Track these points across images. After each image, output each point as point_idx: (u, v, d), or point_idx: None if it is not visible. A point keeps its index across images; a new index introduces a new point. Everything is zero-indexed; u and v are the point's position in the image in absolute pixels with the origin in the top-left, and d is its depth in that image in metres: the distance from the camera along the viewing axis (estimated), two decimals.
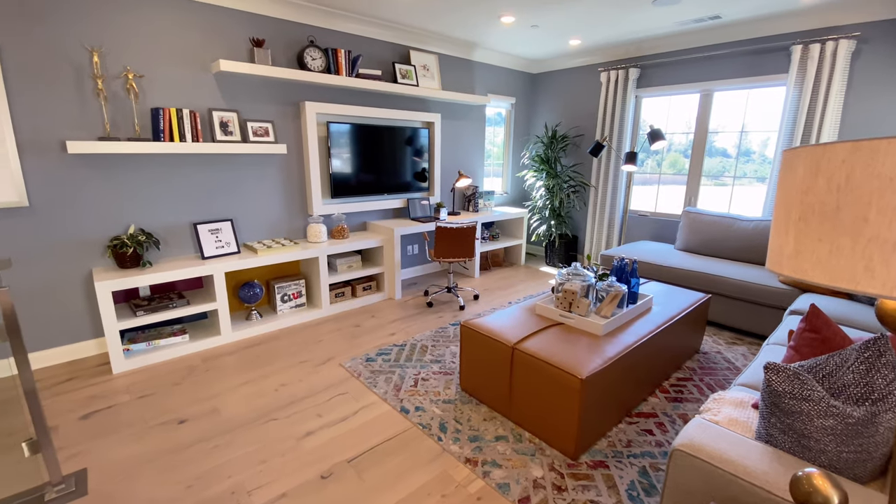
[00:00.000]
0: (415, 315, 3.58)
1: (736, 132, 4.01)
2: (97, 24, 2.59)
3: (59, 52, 2.50)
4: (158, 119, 2.76)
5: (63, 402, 2.34)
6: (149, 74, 2.80)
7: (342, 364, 2.76)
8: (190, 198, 3.09)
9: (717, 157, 4.18)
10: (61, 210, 2.64)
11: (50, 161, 2.56)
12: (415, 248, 4.63)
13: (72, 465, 1.90)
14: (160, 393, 2.44)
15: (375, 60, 3.88)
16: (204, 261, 2.99)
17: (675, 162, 4.51)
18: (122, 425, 2.16)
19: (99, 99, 2.64)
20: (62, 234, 2.66)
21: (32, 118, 2.48)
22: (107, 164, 2.74)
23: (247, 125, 3.19)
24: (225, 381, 2.56)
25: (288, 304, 3.47)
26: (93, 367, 2.73)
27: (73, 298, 2.76)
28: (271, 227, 3.55)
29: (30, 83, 2.45)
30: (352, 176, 3.82)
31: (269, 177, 3.44)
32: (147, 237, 2.83)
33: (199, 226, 3.05)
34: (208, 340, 3.00)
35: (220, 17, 3.01)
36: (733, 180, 4.09)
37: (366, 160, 3.88)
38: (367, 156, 3.88)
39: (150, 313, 2.76)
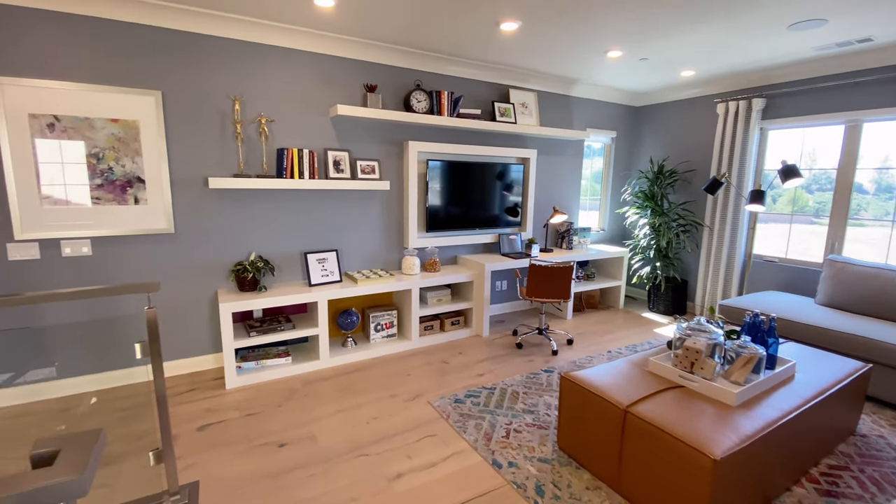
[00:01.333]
0: (504, 356, 3.44)
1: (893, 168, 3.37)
2: (240, 76, 2.98)
3: (209, 101, 2.91)
4: (283, 158, 3.06)
5: (183, 412, 2.58)
6: (277, 119, 3.13)
7: (431, 402, 2.70)
8: (302, 229, 3.35)
9: (865, 194, 3.53)
10: (198, 237, 3.00)
11: (193, 194, 2.95)
12: (503, 285, 4.52)
13: (186, 475, 2.04)
14: (264, 413, 2.58)
15: (475, 100, 3.97)
16: (310, 288, 3.19)
17: (798, 198, 3.91)
18: (231, 441, 2.30)
19: (237, 141, 3.01)
20: (197, 258, 3.02)
21: (184, 158, 2.89)
22: (237, 198, 3.08)
23: (356, 163, 3.41)
24: (321, 408, 2.64)
25: (380, 334, 3.54)
26: (210, 380, 2.99)
27: (200, 315, 3.08)
28: (370, 258, 3.70)
29: (185, 128, 2.87)
30: (446, 211, 3.88)
31: (371, 211, 3.62)
32: (265, 264, 3.09)
33: (308, 255, 3.27)
34: (308, 364, 3.14)
35: (339, 66, 3.30)
36: (894, 224, 3.41)
37: (460, 195, 3.92)
38: (461, 191, 3.92)
39: (261, 334, 2.97)
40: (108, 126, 2.65)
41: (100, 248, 2.73)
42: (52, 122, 2.52)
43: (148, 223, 2.82)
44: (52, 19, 2.46)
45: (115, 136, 2.67)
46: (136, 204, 2.78)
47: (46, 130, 2.52)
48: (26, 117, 2.46)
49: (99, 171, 2.66)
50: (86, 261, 2.71)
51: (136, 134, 2.72)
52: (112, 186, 2.70)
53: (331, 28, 3.04)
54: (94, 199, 2.67)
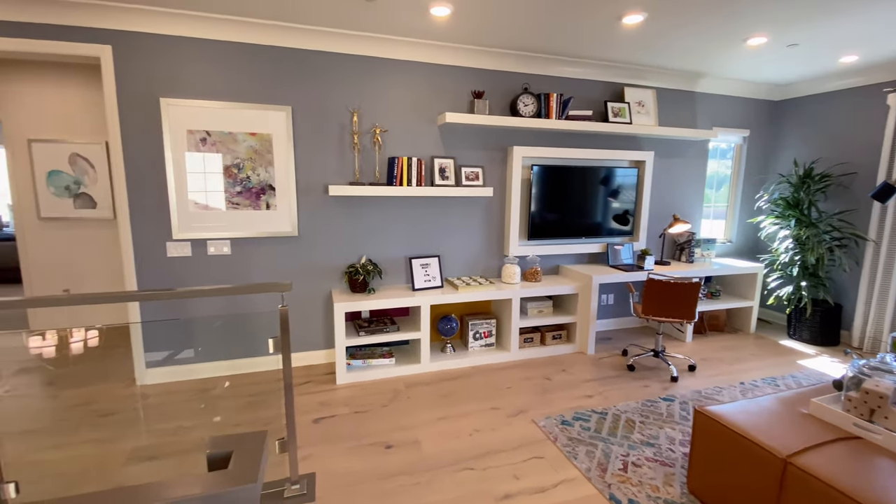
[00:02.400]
0: (613, 378, 3.16)
1: None
2: (358, 90, 3.15)
3: (330, 114, 3.11)
4: (393, 166, 3.16)
5: (301, 403, 2.76)
6: (390, 129, 3.26)
7: (535, 421, 2.56)
8: (408, 234, 3.43)
9: None
10: (317, 240, 3.22)
11: (315, 201, 3.18)
12: (609, 299, 4.20)
13: (303, 466, 2.16)
14: (371, 412, 2.66)
15: (586, 101, 3.75)
16: (414, 292, 3.25)
17: None
18: (342, 437, 2.40)
19: (353, 151, 3.18)
20: (316, 260, 3.24)
21: (308, 167, 3.12)
22: (352, 204, 3.26)
23: (461, 170, 3.41)
24: (424, 413, 2.64)
25: (479, 342, 3.49)
26: (322, 374, 3.18)
27: (315, 313, 3.31)
28: (470, 265, 3.67)
29: (310, 139, 3.10)
30: (549, 218, 3.71)
31: (473, 217, 3.59)
32: (374, 267, 3.22)
33: (413, 260, 3.34)
34: (409, 367, 3.20)
35: (448, 74, 3.33)
36: None
37: (565, 202, 3.72)
38: (566, 197, 3.72)
39: (369, 334, 3.09)
40: (247, 139, 2.97)
41: (237, 248, 3.07)
42: (204, 136, 2.89)
43: (276, 227, 3.10)
44: (206, 47, 2.82)
45: (252, 149, 2.98)
46: (268, 209, 3.07)
47: (200, 144, 2.89)
48: (185, 133, 2.85)
49: (239, 180, 2.99)
50: (226, 259, 3.05)
51: (269, 146, 3.01)
52: (249, 193, 3.02)
53: (442, 37, 3.08)
54: (233, 205, 3.00)
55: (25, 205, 3.86)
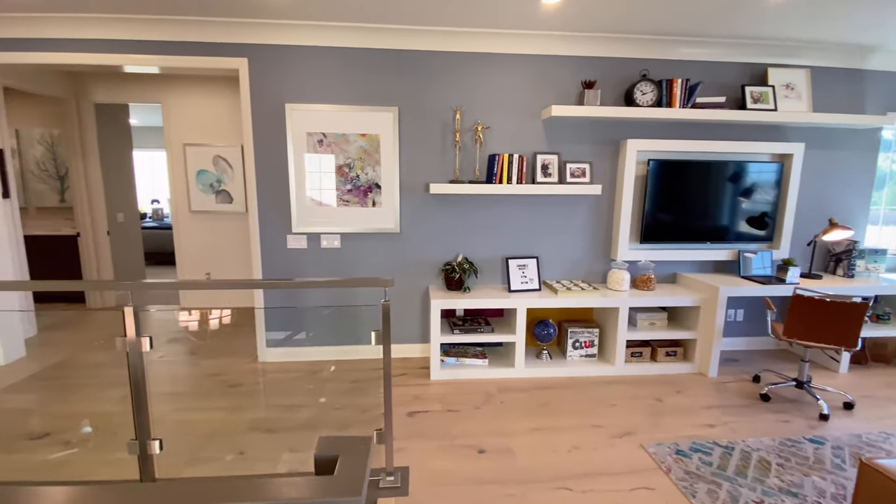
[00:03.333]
0: (741, 407, 2.72)
1: None
2: (461, 87, 3.12)
3: (434, 113, 3.14)
4: (494, 164, 3.08)
5: (397, 395, 2.83)
6: (492, 125, 3.18)
7: (644, 446, 2.30)
8: (506, 233, 3.33)
9: None
10: (417, 237, 3.28)
11: (416, 199, 3.23)
12: (738, 315, 3.64)
13: (398, 458, 2.19)
14: (463, 412, 2.63)
15: (717, 86, 3.28)
16: (510, 293, 3.14)
17: None
18: (435, 434, 2.40)
19: (455, 149, 3.17)
20: (415, 256, 3.31)
21: (411, 166, 3.19)
22: (451, 202, 3.26)
23: (565, 166, 3.21)
24: (518, 421, 2.53)
25: (578, 352, 3.26)
26: (417, 368, 3.24)
27: (413, 308, 3.38)
28: (571, 268, 3.45)
29: (413, 139, 3.16)
30: (666, 219, 3.31)
31: (577, 217, 3.36)
32: (470, 265, 3.18)
33: (510, 260, 3.24)
34: (503, 370, 3.10)
35: (555, 65, 3.15)
36: None
37: (686, 201, 3.30)
38: (688, 196, 3.29)
39: (463, 333, 3.07)
40: (358, 140, 3.12)
41: (347, 242, 3.25)
42: (321, 138, 3.10)
43: (381, 223, 3.22)
44: (324, 54, 3.02)
45: (362, 149, 3.13)
46: (374, 206, 3.20)
47: (317, 146, 3.11)
48: (305, 135, 3.09)
49: (349, 178, 3.16)
50: (336, 252, 3.26)
51: (377, 146, 3.14)
52: (358, 191, 3.18)
53: (551, 26, 2.91)
54: (344, 202, 3.18)
55: (180, 199, 4.56)
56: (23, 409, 2.63)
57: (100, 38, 2.89)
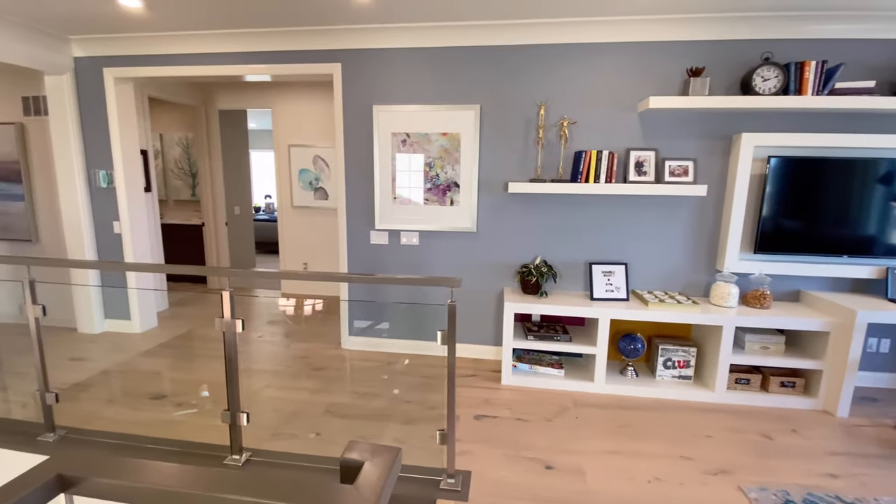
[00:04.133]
0: (877, 458, 2.21)
1: None
2: (546, 81, 2.97)
3: (517, 109, 3.03)
4: (580, 161, 2.89)
5: (466, 396, 2.80)
6: (580, 120, 2.99)
7: (743, 489, 1.97)
8: (590, 237, 3.12)
9: None
10: (494, 237, 3.21)
11: (494, 198, 3.16)
12: (882, 345, 2.98)
13: (461, 461, 2.16)
14: (533, 423, 2.51)
15: (863, 68, 2.70)
16: (592, 301, 2.93)
17: None
18: (501, 442, 2.32)
19: (537, 146, 3.04)
20: (491, 257, 3.24)
21: (490, 164, 3.13)
22: (530, 202, 3.13)
23: (664, 164, 2.89)
24: (593, 440, 2.35)
25: (670, 372, 2.93)
26: (488, 370, 3.18)
27: (487, 308, 3.32)
28: (665, 278, 3.11)
29: (494, 136, 3.09)
30: (790, 226, 2.82)
31: (675, 221, 3.02)
32: (548, 269, 3.03)
33: (593, 266, 3.02)
34: (581, 383, 2.91)
35: (654, 52, 2.85)
36: None
37: (819, 205, 2.77)
38: (821, 199, 2.76)
39: (538, 339, 2.93)
40: (439, 139, 3.14)
41: (424, 240, 3.30)
42: (405, 138, 3.18)
43: (458, 222, 3.22)
44: (409, 55, 3.08)
45: (443, 148, 3.15)
46: (452, 205, 3.20)
47: (401, 145, 3.19)
48: (390, 136, 3.19)
49: (430, 177, 3.20)
50: (414, 248, 3.33)
51: (457, 145, 3.13)
52: (437, 190, 3.20)
53: (652, 9, 2.64)
54: (423, 200, 3.23)
55: (284, 195, 5.03)
56: (150, 371, 3.10)
57: (223, 51, 3.28)
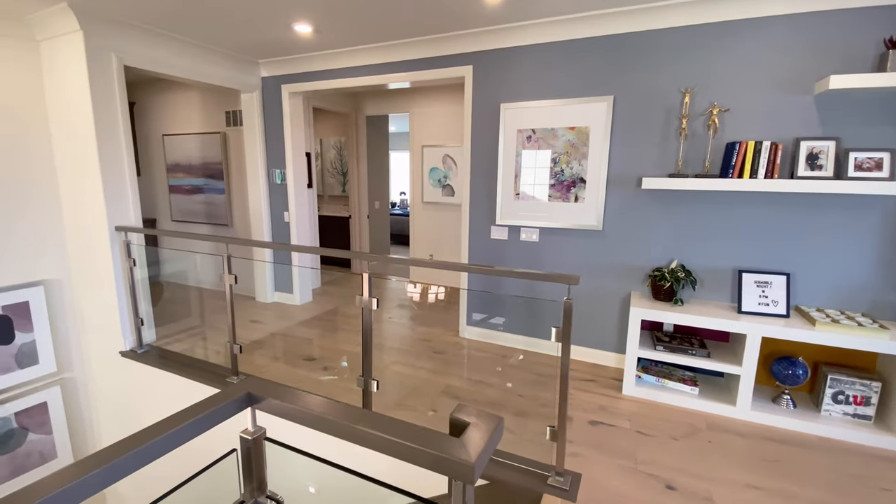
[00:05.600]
0: None
1: None
2: (692, 66, 2.67)
3: (656, 98, 2.80)
4: (732, 154, 2.55)
5: (581, 399, 2.72)
6: (733, 107, 2.63)
7: None
8: (740, 241, 2.72)
9: None
10: (622, 237, 3.03)
11: (624, 194, 2.97)
12: None
13: (571, 463, 2.12)
14: (657, 439, 2.32)
15: None
16: (739, 315, 2.56)
17: None
18: (618, 452, 2.21)
19: (679, 138, 2.76)
20: (617, 258, 3.06)
21: (622, 158, 2.94)
22: (668, 199, 2.86)
23: (847, 156, 2.38)
24: (727, 469, 2.08)
25: (841, 407, 2.41)
26: (608, 378, 3.02)
27: (610, 313, 3.15)
28: (842, 295, 2.56)
29: (628, 129, 2.90)
30: None
31: (859, 226, 2.46)
32: (686, 275, 2.74)
33: (745, 274, 2.63)
34: (719, 405, 2.58)
35: (834, 22, 2.34)
36: None
37: None
38: None
39: (668, 351, 2.69)
40: (566, 134, 3.07)
41: (544, 237, 3.28)
42: (530, 134, 3.19)
43: (581, 219, 3.11)
44: (537, 51, 3.06)
45: (570, 143, 3.07)
46: (576, 202, 3.11)
47: (525, 142, 3.21)
48: (515, 133, 3.23)
49: (553, 173, 3.15)
50: (534, 245, 3.32)
51: (585, 139, 3.02)
52: (561, 186, 3.14)
53: None
54: (548, 197, 3.20)
55: (416, 192, 5.45)
56: (305, 337, 3.69)
57: (370, 63, 3.71)
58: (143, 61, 3.28)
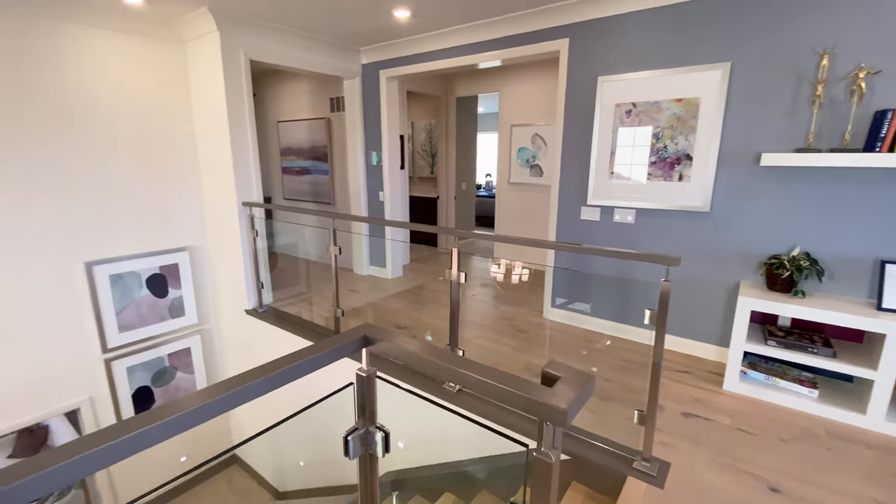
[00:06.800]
0: None
1: None
2: (836, 20, 2.29)
3: (784, 62, 2.46)
4: (881, 124, 2.16)
5: (673, 390, 2.58)
6: (885, 68, 2.22)
7: None
8: (886, 227, 2.32)
9: None
10: (733, 219, 2.75)
11: (738, 172, 2.69)
12: None
13: (659, 451, 2.04)
14: (761, 438, 2.13)
15: None
16: (878, 312, 2.22)
17: None
18: (712, 446, 2.08)
19: (812, 107, 2.41)
20: (726, 242, 2.80)
21: (738, 132, 2.65)
22: (791, 177, 2.53)
23: None
24: (848, 480, 1.85)
25: None
26: (707, 371, 2.81)
27: (713, 301, 2.91)
28: None
29: (747, 98, 2.59)
30: None
31: None
32: (811, 264, 2.43)
33: (889, 265, 2.26)
34: (843, 412, 2.27)
35: None
36: None
37: None
38: None
39: (782, 347, 2.42)
40: (671, 107, 2.84)
41: (641, 218, 3.10)
42: (630, 108, 3.00)
43: (685, 200, 2.88)
44: (639, 18, 2.84)
45: (675, 116, 2.84)
46: (679, 181, 2.88)
47: (624, 117, 3.03)
48: (613, 107, 3.07)
49: (655, 150, 2.95)
50: (628, 227, 3.16)
51: (694, 111, 2.77)
52: (663, 164, 2.93)
53: None
54: (648, 176, 3.01)
55: (503, 173, 5.43)
56: (395, 308, 3.96)
57: (461, 44, 3.75)
58: (264, 55, 3.68)
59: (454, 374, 0.76)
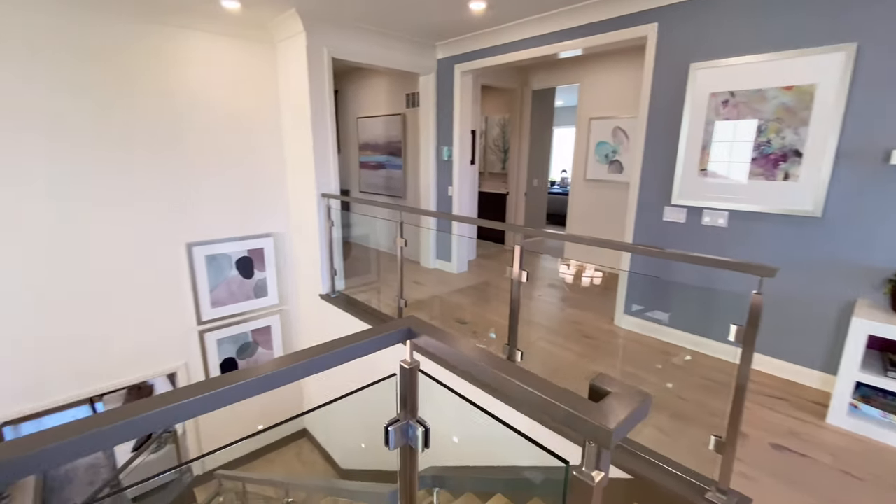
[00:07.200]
0: None
1: None
2: None
3: None
4: None
5: (763, 417, 2.28)
6: None
7: None
8: None
9: None
10: (851, 226, 2.35)
11: (861, 172, 2.28)
12: None
13: (739, 483, 1.82)
14: (871, 484, 1.81)
15: None
16: None
17: None
18: (806, 487, 1.80)
19: None
20: (840, 253, 2.40)
21: (863, 125, 2.25)
22: None
23: None
24: None
25: None
26: (806, 400, 2.45)
27: (819, 321, 2.52)
28: None
29: (876, 84, 2.19)
30: None
31: None
32: None
33: None
34: None
35: None
36: None
37: None
38: None
39: None
40: (779, 95, 2.49)
41: (735, 222, 2.77)
42: (727, 98, 2.68)
43: (790, 203, 2.52)
44: None
45: (783, 106, 2.49)
46: (784, 180, 2.52)
47: (720, 107, 2.72)
48: (707, 97, 2.76)
49: (756, 145, 2.61)
50: (720, 231, 2.84)
51: (808, 101, 2.40)
52: (765, 160, 2.59)
53: None
54: (741, 174, 2.67)
55: (578, 168, 5.18)
56: (458, 303, 3.96)
57: (539, 34, 3.62)
58: (345, 53, 3.86)
59: (496, 379, 0.72)
